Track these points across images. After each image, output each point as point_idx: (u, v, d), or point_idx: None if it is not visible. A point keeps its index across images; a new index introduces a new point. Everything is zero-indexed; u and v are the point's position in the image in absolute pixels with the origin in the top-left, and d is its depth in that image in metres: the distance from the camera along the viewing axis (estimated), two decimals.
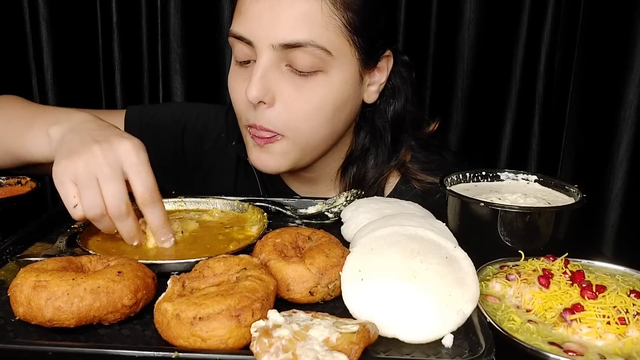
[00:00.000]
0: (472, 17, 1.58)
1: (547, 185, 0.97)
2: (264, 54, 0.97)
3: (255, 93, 0.96)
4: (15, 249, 0.81)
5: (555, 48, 1.55)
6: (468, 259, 0.70)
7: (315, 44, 0.95)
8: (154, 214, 0.81)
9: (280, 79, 0.99)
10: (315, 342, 0.54)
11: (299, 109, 0.99)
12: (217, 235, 0.88)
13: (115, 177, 0.79)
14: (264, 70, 0.97)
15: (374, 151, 1.14)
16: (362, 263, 0.69)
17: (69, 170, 0.79)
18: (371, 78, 1.09)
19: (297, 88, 0.99)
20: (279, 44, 0.95)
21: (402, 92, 1.13)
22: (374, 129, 1.13)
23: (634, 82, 1.35)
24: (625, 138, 1.38)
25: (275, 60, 0.97)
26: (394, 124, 1.14)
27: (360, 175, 1.13)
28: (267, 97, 0.98)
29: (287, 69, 0.98)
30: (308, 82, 0.98)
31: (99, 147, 0.80)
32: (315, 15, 0.95)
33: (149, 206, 0.81)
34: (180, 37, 1.61)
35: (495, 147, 1.67)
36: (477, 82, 1.63)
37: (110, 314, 0.62)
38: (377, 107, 1.13)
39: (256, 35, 0.97)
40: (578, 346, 0.61)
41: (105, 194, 0.78)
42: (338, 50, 0.98)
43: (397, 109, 1.13)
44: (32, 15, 1.59)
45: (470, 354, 0.59)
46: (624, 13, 1.35)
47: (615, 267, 0.79)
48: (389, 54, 1.09)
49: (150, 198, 0.81)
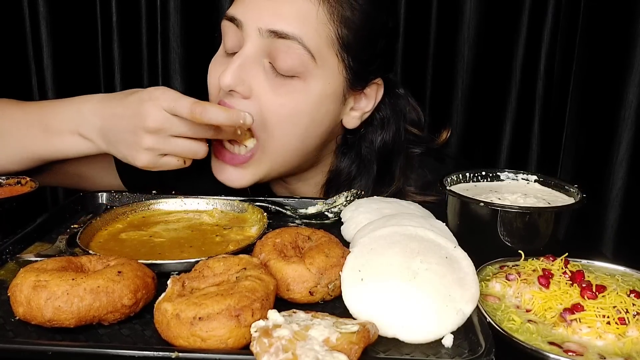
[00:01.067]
0: (472, 17, 1.58)
1: (547, 185, 0.97)
2: (249, 40, 0.96)
3: (229, 80, 0.95)
4: (15, 249, 0.81)
5: (555, 48, 1.55)
6: (468, 259, 0.70)
7: (302, 42, 0.94)
8: (213, 113, 0.89)
9: (258, 74, 0.97)
10: (315, 342, 0.54)
11: (273, 111, 0.98)
12: (215, 237, 0.88)
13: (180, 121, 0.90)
14: (245, 59, 0.96)
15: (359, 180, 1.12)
16: (362, 263, 0.69)
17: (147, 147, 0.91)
18: (356, 102, 1.07)
19: (273, 88, 0.97)
20: (267, 29, 0.94)
21: (392, 123, 1.11)
22: (359, 157, 1.12)
23: (634, 82, 1.35)
24: (625, 138, 1.38)
25: (259, 50, 0.96)
26: (380, 154, 1.11)
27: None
28: (242, 87, 0.97)
29: (268, 65, 0.97)
30: (285, 85, 0.97)
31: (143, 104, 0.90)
32: (310, 17, 0.95)
33: (206, 113, 0.88)
34: (180, 37, 1.61)
35: (495, 147, 1.67)
36: (477, 82, 1.63)
37: (110, 313, 0.62)
38: (362, 135, 1.11)
39: (248, 16, 0.97)
40: (578, 346, 0.61)
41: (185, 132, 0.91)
42: (323, 60, 0.97)
43: (386, 139, 1.11)
44: (32, 15, 1.59)
45: (470, 354, 0.59)
46: (624, 13, 1.35)
47: (615, 267, 0.79)
48: (379, 82, 1.07)
49: (202, 108, 0.88)
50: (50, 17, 1.58)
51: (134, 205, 0.97)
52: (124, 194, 1.05)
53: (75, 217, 0.97)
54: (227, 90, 0.97)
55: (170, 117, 0.90)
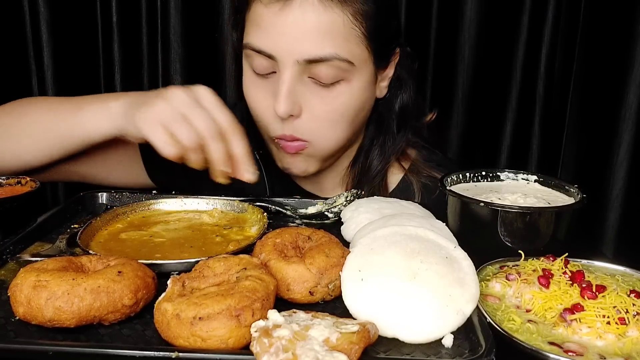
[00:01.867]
0: (472, 18, 1.58)
1: (547, 185, 0.97)
2: (287, 69, 0.98)
3: (285, 108, 0.99)
4: (15, 249, 0.81)
5: (555, 48, 1.55)
6: (468, 259, 0.70)
7: (339, 57, 0.97)
8: (238, 142, 0.87)
9: (305, 91, 1.01)
10: (315, 342, 0.54)
11: (324, 118, 1.02)
12: (215, 237, 0.88)
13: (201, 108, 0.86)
14: (290, 84, 0.98)
15: (380, 141, 1.16)
16: (362, 263, 0.69)
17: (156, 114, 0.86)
18: (381, 75, 1.12)
19: (321, 98, 1.01)
20: (303, 59, 0.96)
21: (408, 82, 1.16)
22: (380, 119, 1.16)
23: (634, 82, 1.35)
24: (625, 138, 1.38)
25: (299, 73, 0.99)
26: (400, 114, 1.16)
27: (366, 165, 1.16)
28: (295, 109, 1.01)
29: (310, 80, 1.00)
30: (331, 92, 1.00)
31: (179, 89, 0.87)
32: (338, 29, 0.96)
33: (234, 135, 0.87)
34: (180, 37, 1.61)
35: (496, 147, 1.67)
36: (478, 82, 1.63)
37: (110, 313, 0.62)
38: (385, 99, 1.16)
39: (280, 50, 0.97)
40: (578, 346, 0.61)
41: (197, 123, 0.85)
42: (359, 60, 1.00)
43: (404, 99, 1.16)
44: (32, 15, 1.59)
45: (470, 354, 0.59)
46: (624, 13, 1.35)
47: (615, 267, 0.79)
48: (397, 51, 1.12)
49: (233, 128, 0.87)
50: (51, 17, 1.58)
51: (134, 205, 0.97)
52: (124, 194, 1.05)
53: (76, 217, 0.97)
54: (286, 117, 1.01)
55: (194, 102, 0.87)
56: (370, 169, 1.16)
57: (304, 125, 1.03)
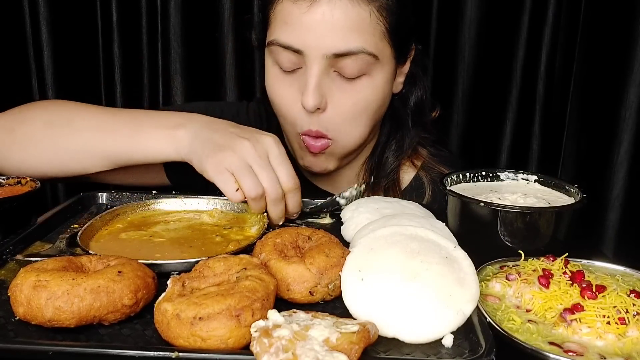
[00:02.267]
0: (472, 18, 1.58)
1: (547, 185, 0.97)
2: (315, 64, 1.00)
3: (313, 102, 1.01)
4: (15, 249, 0.81)
5: (555, 48, 1.55)
6: (468, 259, 0.70)
7: (366, 50, 0.99)
8: (294, 199, 0.91)
9: (331, 85, 1.03)
10: (315, 342, 0.54)
11: (348, 112, 1.04)
12: (215, 237, 0.88)
13: (268, 165, 0.89)
14: (318, 78, 1.01)
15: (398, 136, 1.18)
16: (362, 263, 0.69)
17: (225, 161, 0.88)
18: (402, 69, 1.14)
19: (344, 92, 1.03)
20: (331, 53, 0.98)
21: (422, 79, 1.19)
22: (396, 115, 1.18)
23: (634, 82, 1.34)
24: (625, 138, 1.38)
25: (326, 68, 1.01)
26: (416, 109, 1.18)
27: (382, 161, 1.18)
28: (322, 103, 1.03)
29: (335, 74, 1.02)
30: (354, 86, 1.03)
31: (248, 141, 0.90)
32: (364, 23, 0.98)
33: (293, 192, 0.91)
34: (180, 37, 1.61)
35: (496, 147, 1.66)
36: (478, 82, 1.63)
37: (110, 313, 0.62)
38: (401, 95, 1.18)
39: (308, 45, 0.99)
40: (578, 346, 0.61)
41: (263, 180, 0.88)
42: (382, 54, 1.02)
43: (418, 95, 1.18)
44: (32, 15, 1.59)
45: (470, 354, 0.59)
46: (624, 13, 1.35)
47: (615, 267, 0.79)
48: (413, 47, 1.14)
49: (294, 185, 0.91)
50: (50, 17, 1.58)
51: (134, 205, 0.97)
52: (124, 194, 1.05)
53: (76, 217, 0.97)
54: (313, 111, 1.03)
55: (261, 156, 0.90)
56: (385, 164, 1.18)
57: (328, 120, 1.05)
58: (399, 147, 1.18)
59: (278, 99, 1.09)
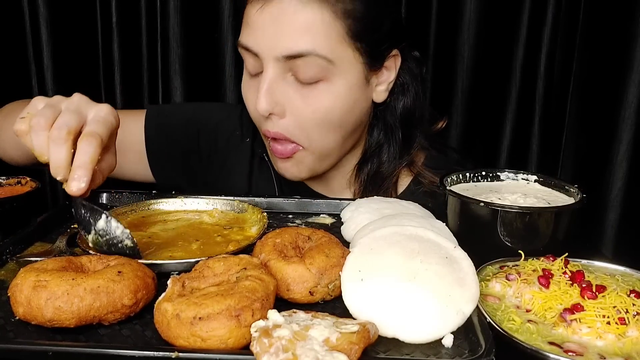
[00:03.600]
0: (472, 18, 1.58)
1: (547, 185, 0.97)
2: (269, 66, 0.99)
3: (264, 106, 1.00)
4: (15, 249, 0.81)
5: (555, 48, 1.55)
6: (468, 259, 0.70)
7: (317, 53, 0.96)
8: (86, 150, 0.74)
9: (287, 90, 1.01)
10: (315, 342, 0.54)
11: (308, 119, 1.02)
12: (215, 237, 0.88)
13: (76, 114, 0.77)
14: (270, 82, 0.99)
15: (387, 147, 1.15)
16: (362, 263, 0.69)
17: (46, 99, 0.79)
18: (379, 78, 1.09)
19: (303, 98, 1.01)
20: (282, 55, 0.97)
21: (411, 88, 1.15)
22: (385, 125, 1.15)
23: (634, 82, 1.34)
24: (625, 138, 1.38)
25: (281, 71, 1.00)
26: (403, 120, 1.15)
27: (374, 171, 1.15)
28: (277, 108, 1.01)
29: (292, 78, 1.00)
30: (312, 91, 1.00)
31: (79, 95, 0.81)
32: (316, 25, 0.96)
33: (87, 142, 0.74)
34: (180, 37, 1.61)
35: (495, 147, 1.66)
36: (477, 82, 1.63)
37: (110, 313, 0.62)
38: (387, 104, 1.14)
39: (261, 46, 0.99)
40: (578, 346, 0.61)
41: (58, 118, 0.76)
42: (340, 58, 0.99)
43: (407, 104, 1.14)
44: (32, 15, 1.59)
45: (470, 354, 0.59)
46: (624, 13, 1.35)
47: (615, 267, 0.79)
48: (395, 53, 1.10)
49: (92, 136, 0.75)
50: (50, 17, 1.58)
51: (134, 205, 0.97)
52: (123, 194, 1.05)
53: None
54: (266, 115, 1.02)
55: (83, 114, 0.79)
56: (379, 173, 1.15)
57: (288, 126, 1.03)
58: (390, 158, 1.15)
59: (246, 102, 1.09)
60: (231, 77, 1.65)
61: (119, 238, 0.76)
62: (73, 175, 0.73)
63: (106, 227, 0.76)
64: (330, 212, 1.03)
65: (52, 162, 0.74)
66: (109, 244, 0.76)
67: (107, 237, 0.76)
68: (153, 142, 1.23)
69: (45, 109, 0.77)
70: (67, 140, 0.74)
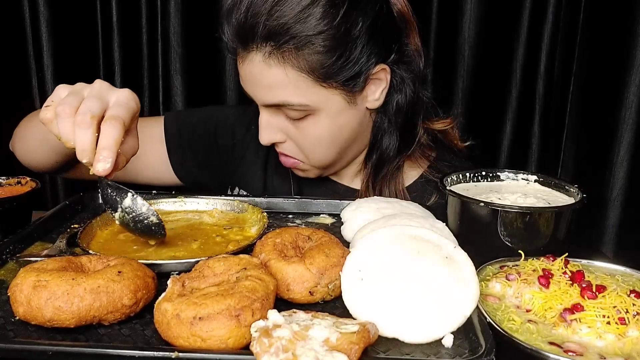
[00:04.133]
0: (472, 17, 1.58)
1: (547, 185, 0.97)
2: (261, 109, 1.09)
3: (264, 139, 1.10)
4: (15, 249, 0.81)
5: (555, 48, 1.55)
6: (468, 259, 0.70)
7: (290, 103, 1.02)
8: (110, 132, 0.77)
9: (284, 121, 1.08)
10: (315, 342, 0.54)
11: (304, 144, 1.10)
12: (215, 237, 0.88)
13: (98, 99, 0.80)
14: (267, 119, 1.09)
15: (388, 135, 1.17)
16: (362, 263, 0.69)
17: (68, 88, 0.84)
18: (367, 92, 1.09)
19: (296, 129, 1.08)
20: (264, 103, 1.06)
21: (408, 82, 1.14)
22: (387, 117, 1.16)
23: (634, 82, 1.35)
24: (625, 138, 1.38)
25: (272, 112, 1.08)
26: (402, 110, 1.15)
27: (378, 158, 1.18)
28: (278, 137, 1.10)
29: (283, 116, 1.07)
30: (302, 124, 1.07)
31: (100, 82, 0.85)
32: (283, 82, 1.01)
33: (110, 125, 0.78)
34: (180, 37, 1.61)
35: (496, 147, 1.67)
36: (478, 82, 1.63)
37: (110, 313, 0.62)
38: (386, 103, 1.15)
39: (250, 94, 1.09)
40: (578, 346, 0.61)
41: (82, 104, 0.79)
42: (315, 100, 1.03)
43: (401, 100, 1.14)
44: (32, 14, 1.59)
45: (470, 354, 0.59)
46: (624, 13, 1.35)
47: (615, 267, 0.79)
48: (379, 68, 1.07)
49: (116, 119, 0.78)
50: (50, 17, 1.59)
51: None
52: None
53: (76, 217, 0.97)
54: (268, 145, 1.12)
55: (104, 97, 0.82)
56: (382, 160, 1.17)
57: (290, 149, 1.12)
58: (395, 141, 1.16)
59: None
60: (231, 77, 1.66)
61: (144, 215, 0.80)
62: (98, 157, 0.77)
63: (132, 205, 0.79)
64: (330, 212, 1.03)
65: (78, 146, 0.78)
66: (135, 221, 0.80)
67: (133, 215, 0.79)
68: (173, 141, 1.27)
69: (69, 96, 0.80)
70: (91, 124, 0.77)
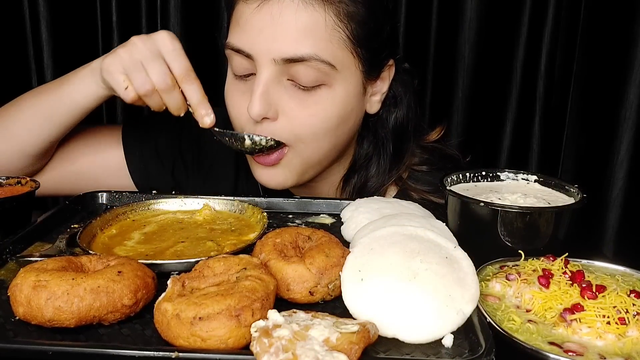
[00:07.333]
0: (472, 17, 1.58)
1: (547, 185, 0.97)
2: (265, 69, 0.94)
3: (258, 110, 0.95)
4: (15, 249, 0.81)
5: (556, 48, 1.55)
6: (468, 259, 0.70)
7: (319, 58, 0.92)
8: (192, 89, 0.94)
9: (283, 94, 0.97)
10: (315, 342, 0.54)
11: (304, 122, 0.98)
12: (214, 237, 0.87)
13: (157, 58, 0.92)
14: (266, 85, 0.95)
15: (376, 160, 1.12)
16: (362, 263, 0.69)
17: (115, 62, 0.93)
18: (373, 88, 1.07)
19: (300, 102, 0.97)
20: (281, 58, 0.93)
21: (404, 100, 1.12)
22: (376, 138, 1.12)
23: (634, 82, 1.35)
24: (625, 138, 1.38)
25: (277, 74, 0.95)
26: (395, 133, 1.12)
27: (362, 183, 1.12)
28: (270, 112, 0.97)
29: (289, 82, 0.96)
30: (312, 96, 0.96)
31: (138, 38, 0.94)
32: (318, 28, 0.92)
33: (187, 83, 0.94)
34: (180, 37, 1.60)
35: (496, 147, 1.67)
36: (478, 82, 1.63)
37: (110, 313, 0.62)
38: (379, 116, 1.12)
39: (256, 48, 0.94)
40: (578, 346, 0.61)
41: (152, 74, 0.92)
42: (342, 64, 0.96)
43: (399, 117, 1.12)
44: (32, 14, 1.59)
45: (470, 354, 0.59)
46: (624, 13, 1.35)
47: (615, 267, 0.79)
48: (391, 63, 1.08)
49: (187, 76, 0.94)
50: (50, 17, 1.58)
51: (134, 205, 0.97)
52: (123, 194, 1.05)
53: (76, 217, 0.97)
54: (258, 120, 0.97)
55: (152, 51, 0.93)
56: (366, 187, 1.11)
57: (280, 130, 0.98)
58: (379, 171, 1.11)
59: (229, 107, 1.05)
60: None
61: (266, 139, 0.98)
62: (200, 113, 0.95)
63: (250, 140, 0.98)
64: (330, 212, 1.03)
65: (172, 108, 0.95)
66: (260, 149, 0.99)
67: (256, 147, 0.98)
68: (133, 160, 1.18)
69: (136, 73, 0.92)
70: (173, 86, 0.93)
